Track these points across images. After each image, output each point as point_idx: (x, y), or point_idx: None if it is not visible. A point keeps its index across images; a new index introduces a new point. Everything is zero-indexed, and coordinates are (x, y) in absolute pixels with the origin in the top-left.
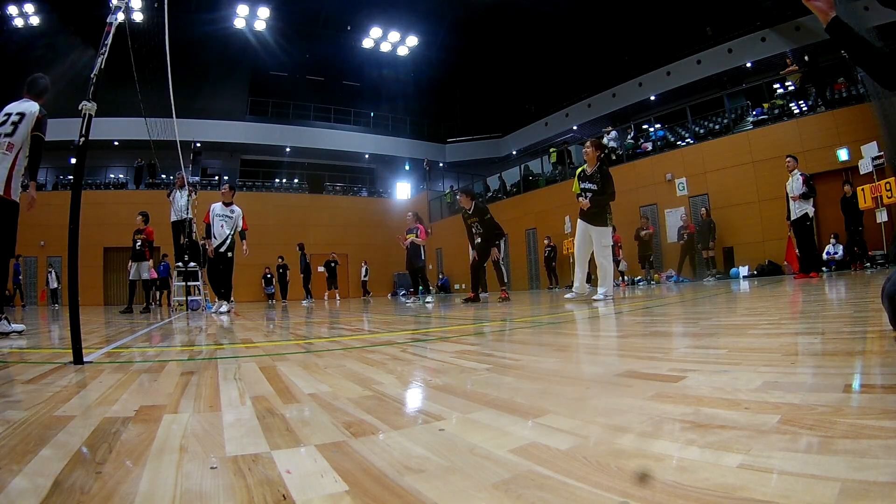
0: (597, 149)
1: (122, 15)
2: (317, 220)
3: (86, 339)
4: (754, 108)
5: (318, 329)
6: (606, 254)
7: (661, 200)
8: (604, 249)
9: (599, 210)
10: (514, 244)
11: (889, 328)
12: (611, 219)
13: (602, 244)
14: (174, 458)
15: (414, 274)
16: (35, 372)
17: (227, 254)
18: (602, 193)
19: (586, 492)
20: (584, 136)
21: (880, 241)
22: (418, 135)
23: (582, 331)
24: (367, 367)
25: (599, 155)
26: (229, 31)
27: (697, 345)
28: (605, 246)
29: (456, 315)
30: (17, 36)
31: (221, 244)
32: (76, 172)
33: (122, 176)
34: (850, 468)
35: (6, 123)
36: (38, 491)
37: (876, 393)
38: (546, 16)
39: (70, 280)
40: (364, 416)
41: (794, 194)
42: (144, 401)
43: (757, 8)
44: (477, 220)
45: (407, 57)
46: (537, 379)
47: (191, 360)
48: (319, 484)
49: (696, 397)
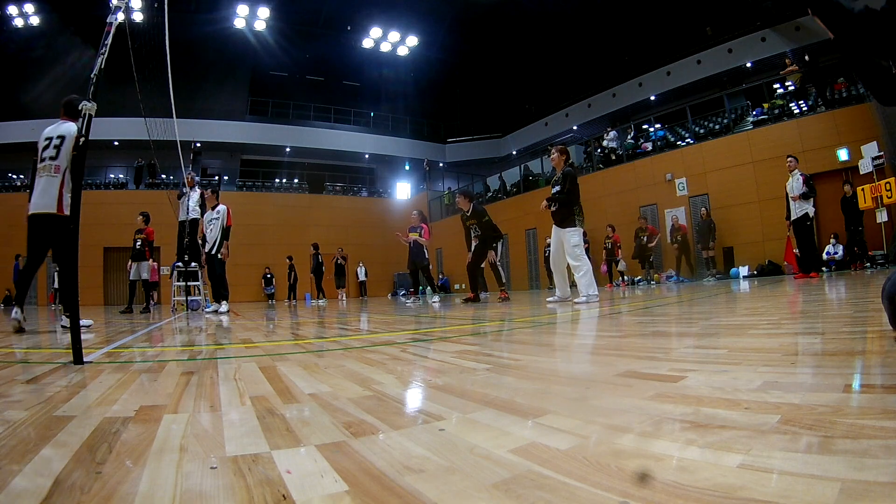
0: (562, 154)
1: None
2: (317, 220)
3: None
4: (754, 108)
5: (318, 329)
6: (577, 254)
7: (661, 200)
8: (574, 250)
9: (566, 211)
10: (514, 244)
11: (889, 328)
12: (581, 220)
13: (571, 245)
14: (174, 458)
15: (415, 273)
16: (35, 372)
17: (217, 255)
18: (564, 192)
19: (586, 492)
20: (584, 136)
21: (880, 241)
22: (418, 135)
23: (581, 331)
24: (367, 367)
25: (566, 159)
26: (229, 31)
27: (697, 345)
28: (574, 246)
29: (456, 315)
30: (17, 36)
31: (212, 247)
32: (76, 172)
33: (122, 176)
34: (850, 468)
35: (49, 147)
36: (38, 491)
37: (876, 393)
38: (546, 16)
39: (70, 280)
40: (364, 416)
41: (794, 194)
42: (144, 401)
43: (757, 8)
44: (475, 221)
45: (407, 57)
46: (537, 379)
47: (191, 360)
48: (319, 484)
49: (696, 397)
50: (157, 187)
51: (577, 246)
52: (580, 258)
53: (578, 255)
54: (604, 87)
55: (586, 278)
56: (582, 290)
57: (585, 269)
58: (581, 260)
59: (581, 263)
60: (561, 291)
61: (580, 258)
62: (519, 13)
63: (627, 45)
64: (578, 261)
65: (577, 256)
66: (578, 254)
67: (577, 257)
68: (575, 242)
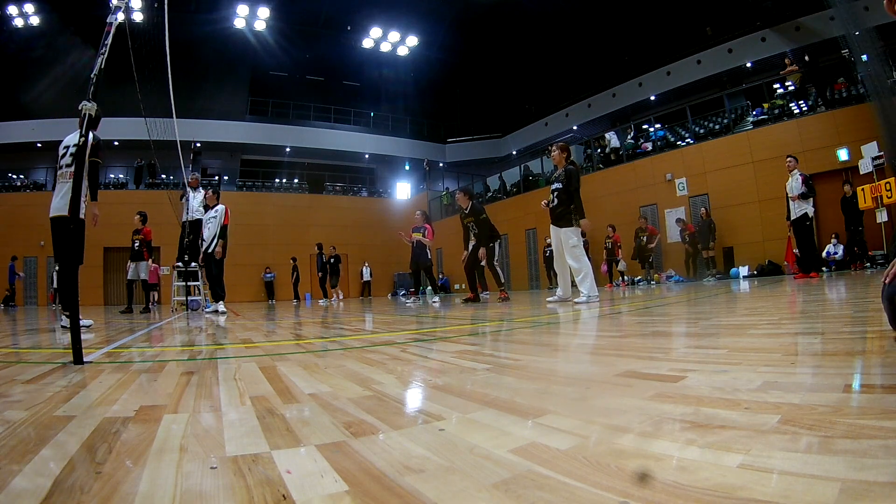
0: (563, 151)
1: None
2: (317, 220)
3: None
4: (754, 108)
5: (318, 329)
6: (577, 254)
7: (661, 200)
8: (573, 250)
9: (565, 209)
10: (514, 244)
11: (889, 328)
12: (577, 220)
13: (570, 244)
14: (174, 458)
15: (417, 273)
16: (35, 372)
17: (213, 254)
18: (566, 190)
19: (586, 492)
20: (584, 136)
21: (880, 241)
22: (418, 135)
23: (581, 331)
24: (367, 367)
25: (567, 157)
26: (229, 31)
27: (697, 345)
28: (573, 247)
29: (456, 315)
30: (17, 36)
31: (208, 246)
32: (76, 172)
33: (122, 176)
34: (850, 468)
35: (66, 156)
36: (38, 491)
37: (876, 393)
38: (546, 15)
39: (70, 280)
40: (364, 416)
41: (793, 194)
42: (144, 401)
43: (757, 8)
44: (473, 219)
45: (407, 57)
46: (537, 379)
47: (191, 360)
48: (319, 484)
49: (696, 397)
50: (158, 187)
51: (577, 247)
52: (579, 258)
53: (578, 256)
54: (604, 87)
55: (587, 279)
56: (582, 290)
57: (585, 270)
58: (580, 261)
59: (581, 265)
60: (563, 291)
61: (579, 258)
62: (519, 13)
63: (627, 45)
64: (578, 261)
65: (576, 257)
66: (578, 254)
67: (576, 258)
68: (574, 243)
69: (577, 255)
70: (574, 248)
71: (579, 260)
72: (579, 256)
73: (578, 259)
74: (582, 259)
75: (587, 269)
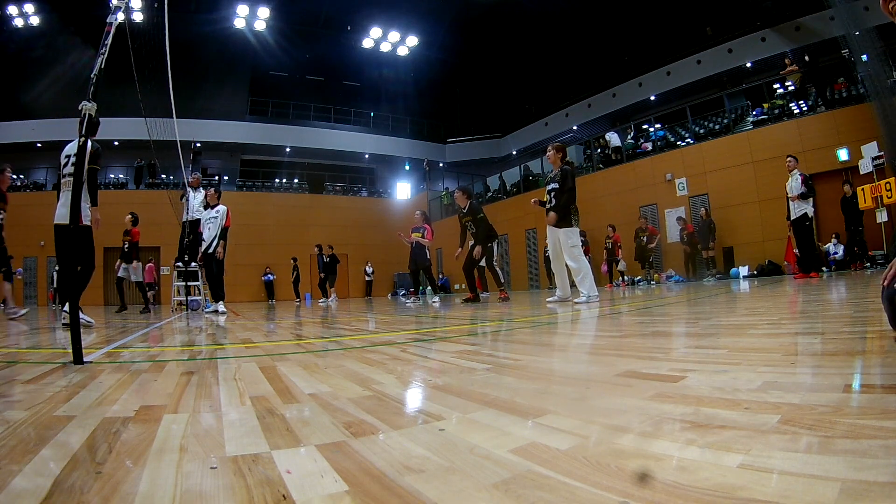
0: (558, 151)
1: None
2: (317, 220)
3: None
4: (754, 108)
5: (318, 329)
6: (576, 255)
7: (661, 200)
8: (572, 250)
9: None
10: (514, 244)
11: (889, 328)
12: (576, 220)
13: (569, 245)
14: (174, 458)
15: (417, 273)
16: (35, 372)
17: (215, 254)
18: (562, 190)
19: (586, 492)
20: (584, 136)
21: (880, 241)
22: (418, 135)
23: (581, 331)
24: (366, 367)
25: (562, 157)
26: (229, 31)
27: (697, 345)
28: (572, 246)
29: (456, 315)
30: (17, 36)
31: (208, 246)
32: (76, 172)
33: (122, 176)
34: (850, 468)
35: (68, 165)
36: (38, 491)
37: (876, 393)
38: (546, 15)
39: (69, 280)
40: (364, 416)
41: (792, 194)
42: (144, 401)
43: (757, 8)
44: (471, 218)
45: (407, 57)
46: (537, 379)
47: (191, 360)
48: (319, 484)
49: (696, 397)
50: (158, 187)
51: (576, 247)
52: (578, 259)
53: (577, 256)
54: (604, 87)
55: (586, 279)
56: (582, 290)
57: (584, 271)
58: (579, 261)
59: (580, 265)
60: (562, 291)
61: (578, 259)
62: (519, 13)
63: (627, 45)
64: (577, 262)
65: (575, 257)
66: (577, 255)
67: (575, 258)
68: (573, 243)
69: (576, 256)
70: (573, 249)
71: (578, 260)
72: (578, 257)
73: (577, 259)
74: (581, 260)
75: (586, 269)
